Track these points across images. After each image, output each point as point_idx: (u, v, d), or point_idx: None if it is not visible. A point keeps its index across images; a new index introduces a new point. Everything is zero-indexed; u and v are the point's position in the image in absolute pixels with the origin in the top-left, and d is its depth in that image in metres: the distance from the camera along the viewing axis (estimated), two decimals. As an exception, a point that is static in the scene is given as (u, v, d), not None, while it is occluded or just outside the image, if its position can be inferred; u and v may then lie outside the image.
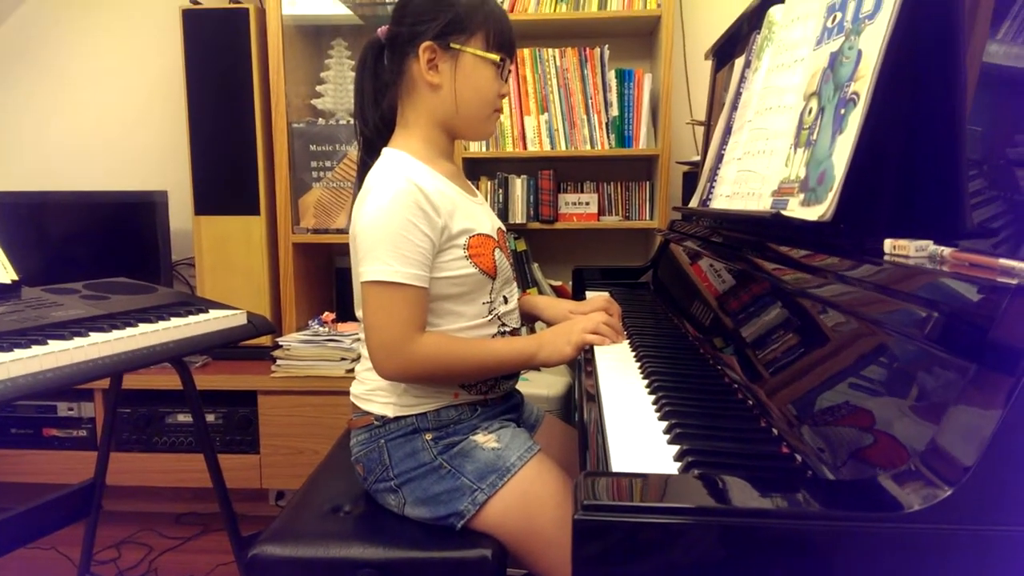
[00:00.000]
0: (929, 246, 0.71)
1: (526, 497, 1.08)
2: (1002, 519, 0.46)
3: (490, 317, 1.19)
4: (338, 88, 2.45)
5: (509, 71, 1.21)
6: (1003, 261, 0.59)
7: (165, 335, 1.33)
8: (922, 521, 0.46)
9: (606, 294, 1.44)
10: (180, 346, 1.36)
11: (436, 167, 1.17)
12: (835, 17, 0.97)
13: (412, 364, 1.08)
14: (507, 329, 1.22)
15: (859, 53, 0.86)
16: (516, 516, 1.08)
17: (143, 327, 1.32)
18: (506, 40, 1.18)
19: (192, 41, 2.29)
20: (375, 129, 1.22)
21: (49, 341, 1.14)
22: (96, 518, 1.72)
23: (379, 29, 1.20)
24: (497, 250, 1.19)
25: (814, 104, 0.96)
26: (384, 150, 1.19)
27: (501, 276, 1.20)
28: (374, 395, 1.17)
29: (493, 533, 1.09)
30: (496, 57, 1.16)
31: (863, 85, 0.83)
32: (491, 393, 1.20)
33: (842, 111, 0.87)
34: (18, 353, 1.07)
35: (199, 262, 2.39)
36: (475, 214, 1.19)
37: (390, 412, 1.14)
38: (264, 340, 2.15)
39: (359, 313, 1.15)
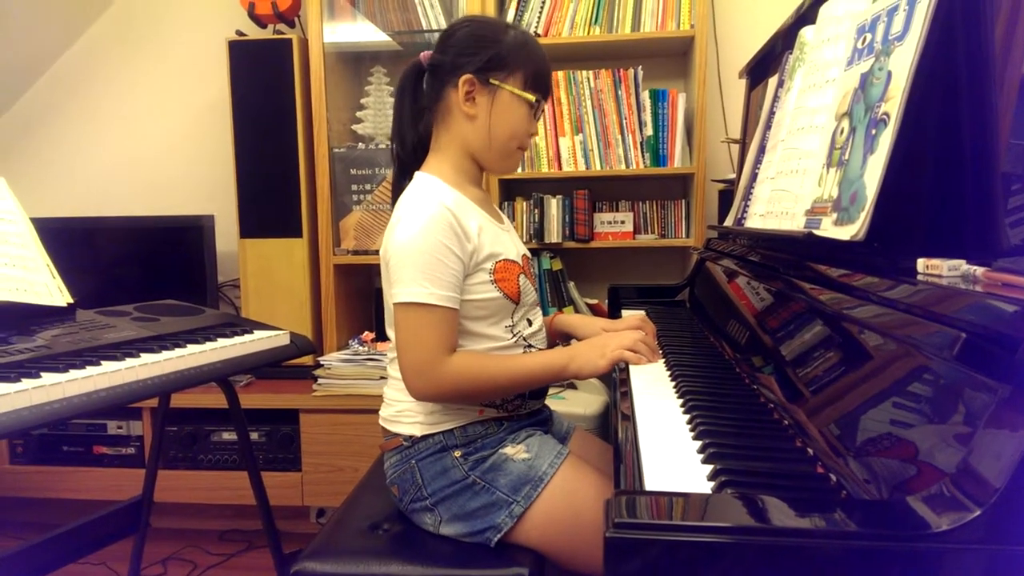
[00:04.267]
0: (962, 265, 0.71)
1: (568, 500, 1.10)
2: (1031, 539, 0.47)
3: (514, 339, 1.21)
4: (377, 113, 2.51)
5: (542, 111, 1.24)
6: (1034, 281, 0.59)
7: (212, 355, 1.37)
8: (951, 541, 0.47)
9: (642, 313, 1.44)
10: (226, 366, 1.40)
11: (465, 193, 1.20)
12: (865, 38, 0.97)
13: (443, 384, 1.10)
14: (532, 350, 1.24)
15: (889, 74, 0.87)
16: (561, 520, 1.10)
17: (191, 348, 1.36)
18: (543, 83, 1.21)
19: (238, 71, 2.38)
20: (412, 150, 1.26)
21: (102, 362, 1.19)
22: (144, 534, 1.77)
23: (422, 54, 1.24)
24: (522, 276, 1.21)
25: (846, 124, 0.96)
26: (416, 174, 1.22)
27: (525, 301, 1.22)
28: (402, 416, 1.19)
29: (536, 542, 1.10)
30: (532, 97, 1.19)
31: (893, 106, 0.84)
32: (517, 411, 1.22)
33: (873, 131, 0.87)
34: (73, 373, 1.11)
35: (244, 284, 2.46)
36: (502, 240, 1.21)
37: (418, 431, 1.17)
38: (306, 359, 2.19)
39: (390, 333, 1.18)
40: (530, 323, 1.25)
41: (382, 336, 2.39)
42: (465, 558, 1.10)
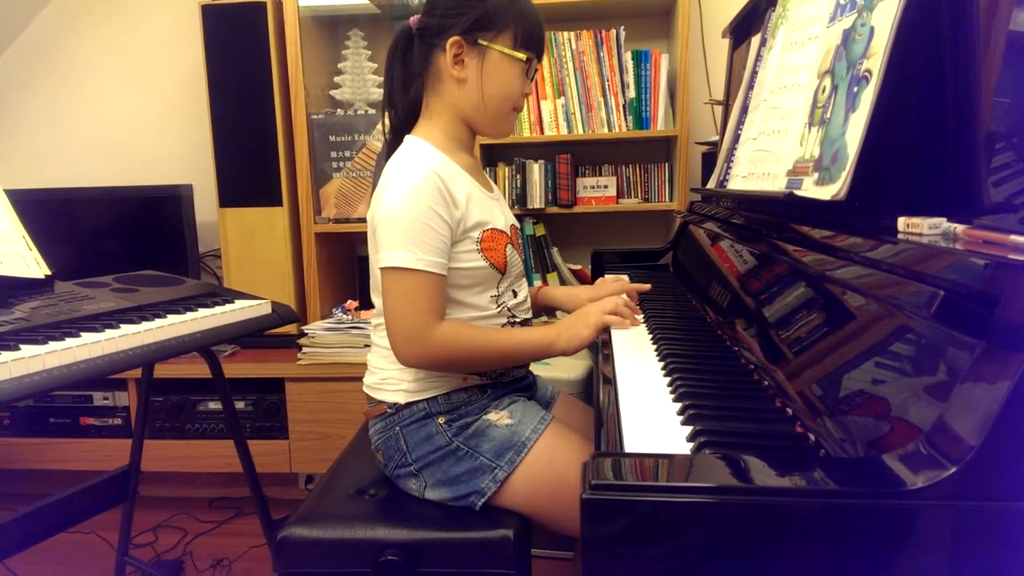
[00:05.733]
0: (942, 223, 0.71)
1: (551, 464, 1.11)
2: (1007, 495, 0.47)
3: (498, 309, 1.20)
4: (356, 78, 2.46)
5: (536, 70, 1.21)
6: (1014, 238, 0.59)
7: (193, 325, 1.36)
8: (926, 498, 0.47)
9: (624, 277, 1.44)
10: (208, 336, 1.39)
11: (455, 159, 1.18)
12: (848, -6, 0.96)
13: (432, 351, 1.09)
14: (516, 320, 1.24)
15: (871, 30, 0.86)
16: (544, 483, 1.10)
17: (172, 318, 1.35)
18: (535, 40, 1.18)
19: (212, 36, 2.32)
20: (404, 117, 1.23)
21: (82, 333, 1.18)
22: (132, 503, 1.77)
23: (411, 18, 1.21)
24: (509, 246, 1.20)
25: (827, 82, 0.95)
26: (406, 138, 1.19)
27: (511, 272, 1.21)
28: (385, 384, 1.19)
29: (521, 506, 1.11)
30: (523, 56, 1.16)
31: (876, 62, 0.83)
32: (500, 379, 1.22)
33: (855, 89, 0.86)
34: (52, 345, 1.10)
35: (225, 253, 2.43)
36: (490, 209, 1.19)
37: (402, 399, 1.16)
38: (290, 328, 2.19)
39: (375, 299, 1.17)
40: (515, 294, 1.24)
41: (366, 304, 2.38)
42: (451, 521, 1.10)
